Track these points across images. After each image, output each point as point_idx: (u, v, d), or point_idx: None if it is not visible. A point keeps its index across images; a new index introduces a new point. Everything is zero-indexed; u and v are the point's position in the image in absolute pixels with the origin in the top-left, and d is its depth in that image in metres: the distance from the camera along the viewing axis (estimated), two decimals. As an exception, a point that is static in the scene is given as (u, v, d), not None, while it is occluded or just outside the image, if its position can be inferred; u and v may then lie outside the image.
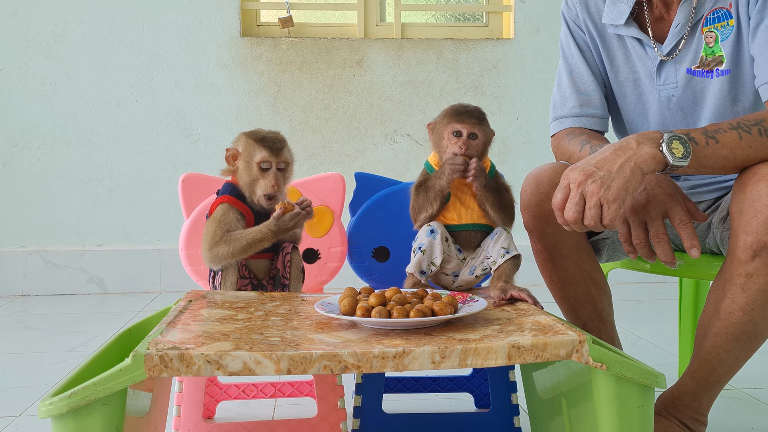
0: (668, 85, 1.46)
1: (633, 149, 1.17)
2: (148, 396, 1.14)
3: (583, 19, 1.54)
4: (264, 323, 1.14)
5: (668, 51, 1.44)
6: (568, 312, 1.51)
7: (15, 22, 3.17)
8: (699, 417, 1.34)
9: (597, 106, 1.55)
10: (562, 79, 1.59)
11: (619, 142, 1.20)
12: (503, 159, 3.37)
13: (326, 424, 1.43)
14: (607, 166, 1.16)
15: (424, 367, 0.98)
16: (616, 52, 1.52)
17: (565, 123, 1.57)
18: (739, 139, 1.21)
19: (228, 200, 1.41)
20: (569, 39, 1.57)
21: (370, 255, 1.64)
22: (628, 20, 1.46)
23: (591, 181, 1.15)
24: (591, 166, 1.16)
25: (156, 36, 3.23)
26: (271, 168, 1.40)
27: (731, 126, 1.22)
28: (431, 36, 3.40)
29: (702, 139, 1.20)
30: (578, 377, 1.11)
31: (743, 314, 1.22)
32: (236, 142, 1.44)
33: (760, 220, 1.16)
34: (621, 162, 1.16)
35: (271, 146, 1.40)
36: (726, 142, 1.20)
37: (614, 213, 1.15)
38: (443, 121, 1.41)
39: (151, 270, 3.28)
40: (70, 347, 2.33)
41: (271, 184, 1.39)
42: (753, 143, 1.21)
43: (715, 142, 1.20)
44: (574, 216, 1.16)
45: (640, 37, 1.46)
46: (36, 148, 3.22)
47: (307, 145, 3.30)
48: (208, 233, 1.39)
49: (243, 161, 1.41)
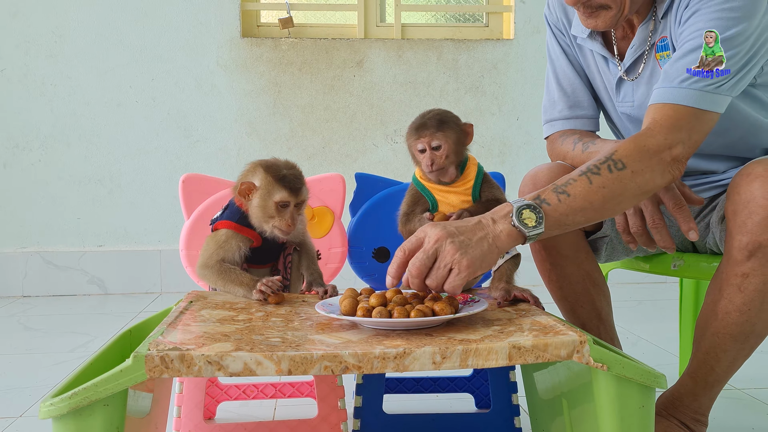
0: (626, 104, 1.47)
1: (490, 226, 1.13)
2: (148, 397, 1.14)
3: (563, 22, 1.55)
4: (264, 324, 1.14)
5: (626, 69, 1.44)
6: (567, 311, 1.51)
7: (15, 23, 3.17)
8: (699, 417, 1.34)
9: (585, 106, 1.55)
10: (550, 83, 1.59)
11: (477, 218, 1.14)
12: (503, 159, 3.37)
13: (327, 424, 1.43)
14: (467, 234, 1.11)
15: (425, 367, 0.98)
16: (589, 61, 1.53)
17: (556, 126, 1.57)
18: (590, 185, 1.16)
19: (234, 228, 1.37)
20: (553, 42, 1.58)
21: (371, 255, 1.64)
22: (592, 34, 1.47)
23: (450, 241, 1.09)
24: (453, 227, 1.11)
25: (156, 37, 3.23)
26: (288, 207, 1.35)
27: (581, 172, 1.17)
28: (431, 36, 3.40)
29: (553, 198, 1.15)
30: (579, 378, 1.11)
31: (740, 314, 1.22)
32: (251, 175, 1.36)
33: (755, 220, 1.17)
34: (480, 236, 1.11)
35: (291, 186, 1.34)
36: (577, 193, 1.15)
37: (461, 281, 1.09)
38: (408, 140, 1.36)
39: (151, 271, 3.28)
40: (71, 348, 2.33)
41: (287, 224, 1.34)
42: (605, 183, 1.16)
43: (567, 196, 1.15)
44: (417, 270, 1.09)
45: (603, 53, 1.47)
46: (36, 149, 3.22)
47: (307, 145, 3.31)
48: (205, 252, 1.37)
49: (260, 198, 1.34)
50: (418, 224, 1.33)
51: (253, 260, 1.40)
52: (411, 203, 1.38)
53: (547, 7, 1.58)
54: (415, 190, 1.38)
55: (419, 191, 1.37)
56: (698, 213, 1.50)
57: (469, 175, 1.36)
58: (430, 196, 1.36)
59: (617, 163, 1.17)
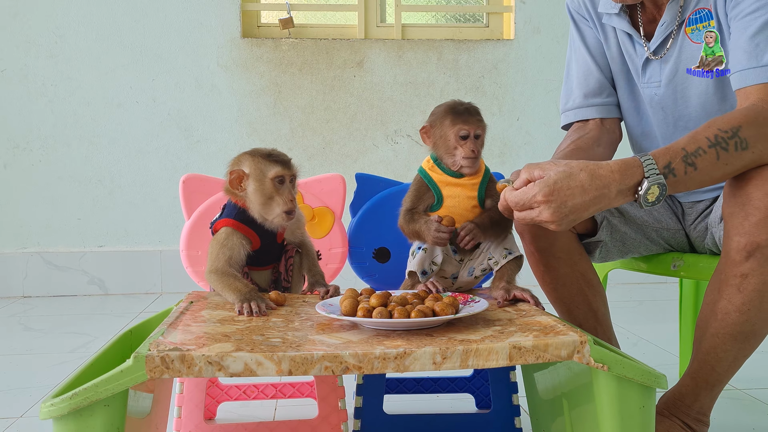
0: (652, 84, 1.47)
1: (608, 200, 1.15)
2: (149, 397, 1.14)
3: (585, 6, 1.55)
4: (265, 324, 1.14)
5: (654, 49, 1.45)
6: (563, 313, 1.50)
7: (16, 24, 3.17)
8: (701, 417, 1.34)
9: (603, 94, 1.56)
10: (570, 72, 1.61)
11: (601, 184, 1.14)
12: (503, 159, 3.37)
13: (327, 424, 1.43)
14: (578, 212, 1.14)
15: (425, 367, 0.98)
16: (611, 43, 1.54)
17: (570, 116, 1.59)
18: (717, 160, 1.18)
19: (233, 225, 1.36)
20: (575, 32, 1.59)
21: (371, 256, 1.64)
22: (621, 13, 1.47)
23: (553, 210, 1.13)
24: (564, 195, 1.13)
25: (156, 37, 3.23)
26: (285, 182, 1.35)
27: (709, 143, 1.19)
28: (432, 37, 3.41)
29: (681, 169, 1.18)
30: (579, 378, 1.11)
31: (740, 314, 1.22)
32: (238, 164, 1.37)
33: (751, 221, 1.17)
34: (592, 210, 1.15)
35: (282, 160, 1.35)
36: (704, 167, 1.18)
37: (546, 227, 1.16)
38: (444, 122, 1.36)
39: (151, 271, 3.28)
40: (71, 348, 2.33)
41: (289, 199, 1.34)
42: (729, 160, 1.19)
43: (694, 169, 1.18)
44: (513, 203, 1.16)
45: (630, 32, 1.47)
46: (37, 150, 3.22)
47: (307, 146, 3.31)
48: (211, 256, 1.36)
49: (254, 181, 1.34)
50: (425, 228, 1.33)
51: (254, 262, 1.39)
52: (415, 198, 1.38)
53: None
54: (421, 183, 1.38)
55: (425, 184, 1.37)
56: (698, 214, 1.50)
57: (479, 172, 1.38)
58: (437, 190, 1.36)
59: (743, 142, 1.19)
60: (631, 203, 1.49)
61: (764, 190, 1.17)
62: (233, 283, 1.29)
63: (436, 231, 1.32)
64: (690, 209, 1.52)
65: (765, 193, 1.16)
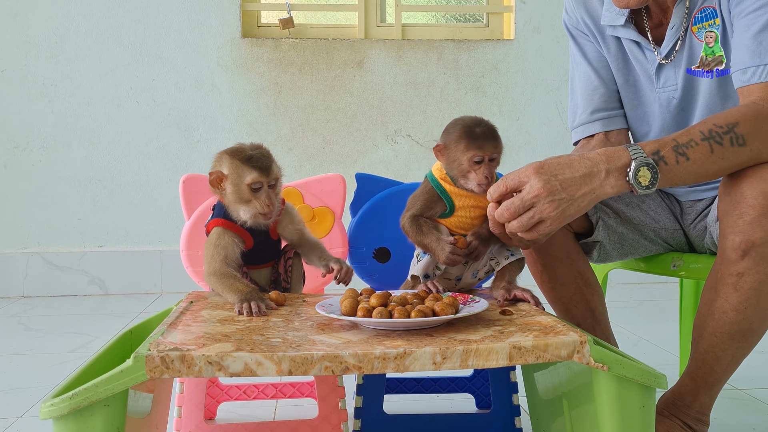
0: (668, 88, 1.46)
1: (600, 180, 1.14)
2: (149, 397, 1.14)
3: (584, 22, 1.54)
4: (265, 324, 1.14)
5: (666, 53, 1.44)
6: (561, 312, 1.50)
7: (16, 24, 3.17)
8: (701, 417, 1.34)
9: (609, 107, 1.55)
10: (574, 89, 1.60)
11: (590, 163, 1.15)
12: (503, 160, 3.35)
13: (327, 424, 1.43)
14: (570, 190, 1.13)
15: (426, 367, 0.98)
16: (615, 55, 1.53)
17: (578, 133, 1.59)
18: (711, 153, 1.18)
19: (223, 224, 1.35)
20: (574, 48, 1.58)
21: (371, 256, 1.64)
22: (627, 23, 1.46)
23: (550, 199, 1.12)
24: (557, 182, 1.13)
25: (157, 37, 3.23)
26: (262, 188, 1.31)
27: (702, 136, 1.18)
28: (432, 37, 3.41)
29: (672, 158, 1.17)
30: (579, 378, 1.11)
31: (737, 313, 1.22)
32: (219, 164, 1.33)
33: (746, 220, 1.17)
34: (585, 191, 1.14)
35: (260, 166, 1.30)
36: (697, 159, 1.17)
37: (547, 233, 1.14)
38: (459, 146, 1.31)
39: (152, 271, 3.28)
40: (71, 348, 2.33)
41: (265, 204, 1.31)
42: (725, 154, 1.18)
43: (686, 159, 1.17)
44: (510, 214, 1.13)
45: (638, 39, 1.46)
46: (37, 150, 3.22)
47: (307, 146, 3.31)
48: (207, 258, 1.35)
49: (231, 184, 1.31)
50: (437, 246, 1.30)
51: (251, 260, 1.39)
52: (425, 207, 1.35)
53: (565, 12, 1.58)
54: (432, 192, 1.35)
55: (437, 194, 1.34)
56: (698, 213, 1.50)
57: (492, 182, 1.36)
58: (449, 200, 1.34)
59: (739, 138, 1.18)
60: (627, 203, 1.49)
61: (758, 188, 1.17)
62: (233, 284, 1.28)
63: (452, 254, 1.29)
64: (690, 208, 1.52)
65: (759, 191, 1.16)
